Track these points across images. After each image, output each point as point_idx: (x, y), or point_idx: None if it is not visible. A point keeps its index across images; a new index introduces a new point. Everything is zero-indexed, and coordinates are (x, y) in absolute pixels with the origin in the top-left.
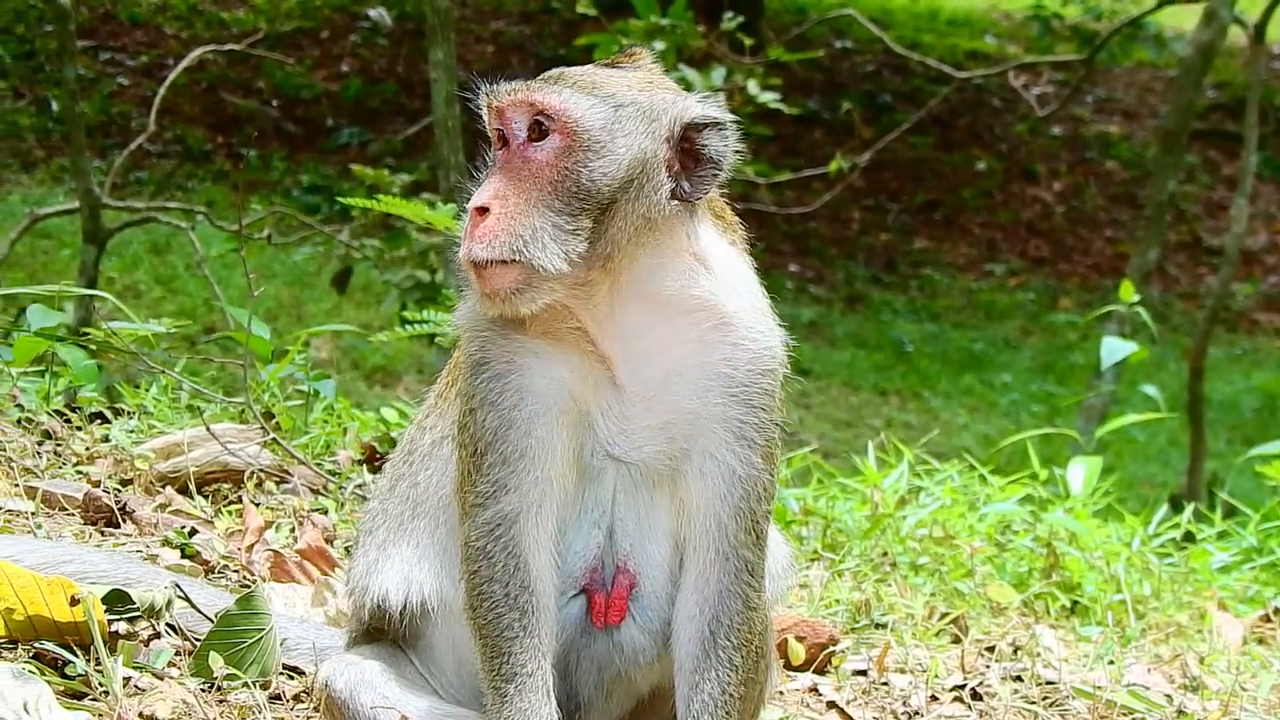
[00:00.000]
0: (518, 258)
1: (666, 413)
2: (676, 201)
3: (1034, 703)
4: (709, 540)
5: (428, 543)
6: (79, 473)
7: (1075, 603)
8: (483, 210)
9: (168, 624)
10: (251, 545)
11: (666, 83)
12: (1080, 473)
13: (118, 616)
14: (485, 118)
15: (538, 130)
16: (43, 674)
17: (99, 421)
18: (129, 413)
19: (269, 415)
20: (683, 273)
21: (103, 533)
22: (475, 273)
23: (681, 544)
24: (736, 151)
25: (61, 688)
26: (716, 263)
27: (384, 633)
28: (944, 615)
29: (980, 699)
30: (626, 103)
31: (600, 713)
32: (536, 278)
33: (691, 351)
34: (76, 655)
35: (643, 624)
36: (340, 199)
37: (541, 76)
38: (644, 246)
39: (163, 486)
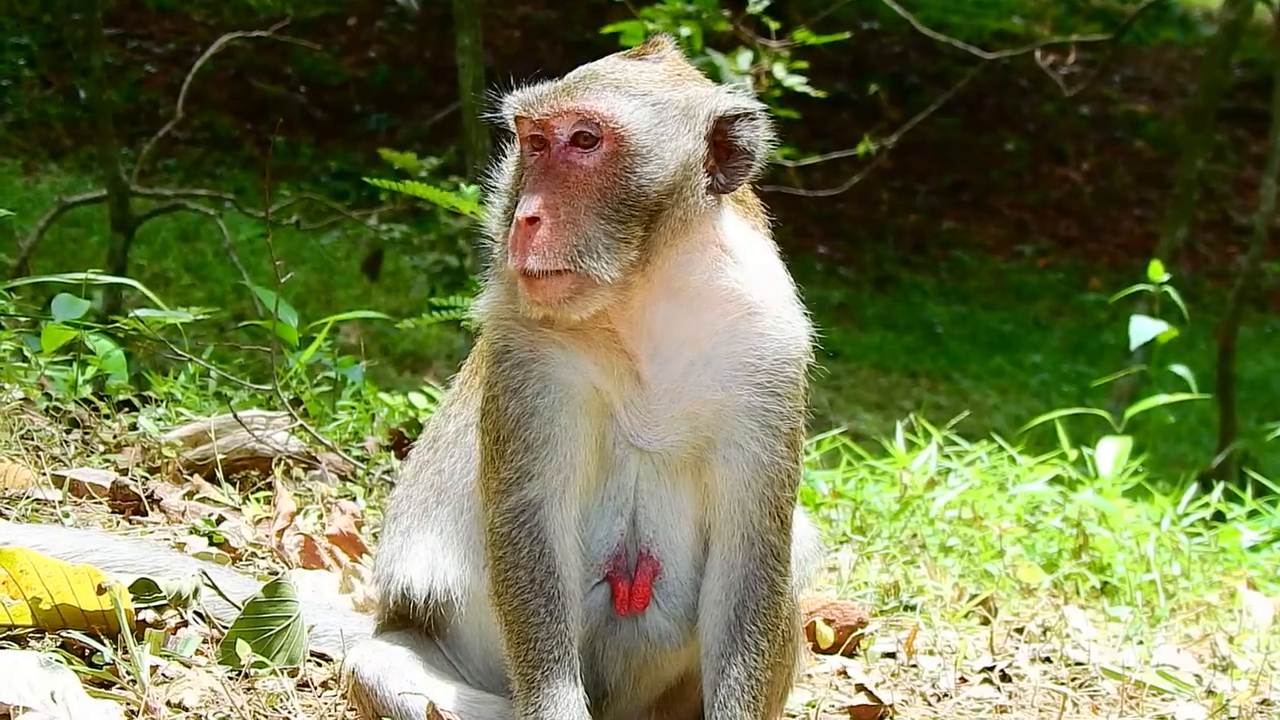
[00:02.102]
0: (573, 268)
1: (691, 403)
2: (711, 195)
3: (1063, 684)
4: (734, 526)
5: (451, 530)
6: (107, 461)
7: (1105, 583)
8: (531, 220)
9: (195, 612)
10: (282, 530)
11: (693, 73)
12: (1110, 453)
13: (145, 605)
14: (515, 120)
15: (583, 137)
16: (70, 663)
17: (127, 410)
18: (157, 400)
19: (297, 402)
20: (710, 264)
21: (130, 521)
22: (527, 282)
23: (706, 530)
24: (768, 140)
25: (89, 677)
26: (742, 252)
27: (411, 620)
28: (973, 597)
29: (1009, 680)
30: (665, 102)
31: (628, 700)
32: (589, 286)
33: (718, 343)
34: (104, 644)
35: (667, 610)
36: (368, 179)
37: (579, 78)
38: (678, 245)
39: (190, 474)
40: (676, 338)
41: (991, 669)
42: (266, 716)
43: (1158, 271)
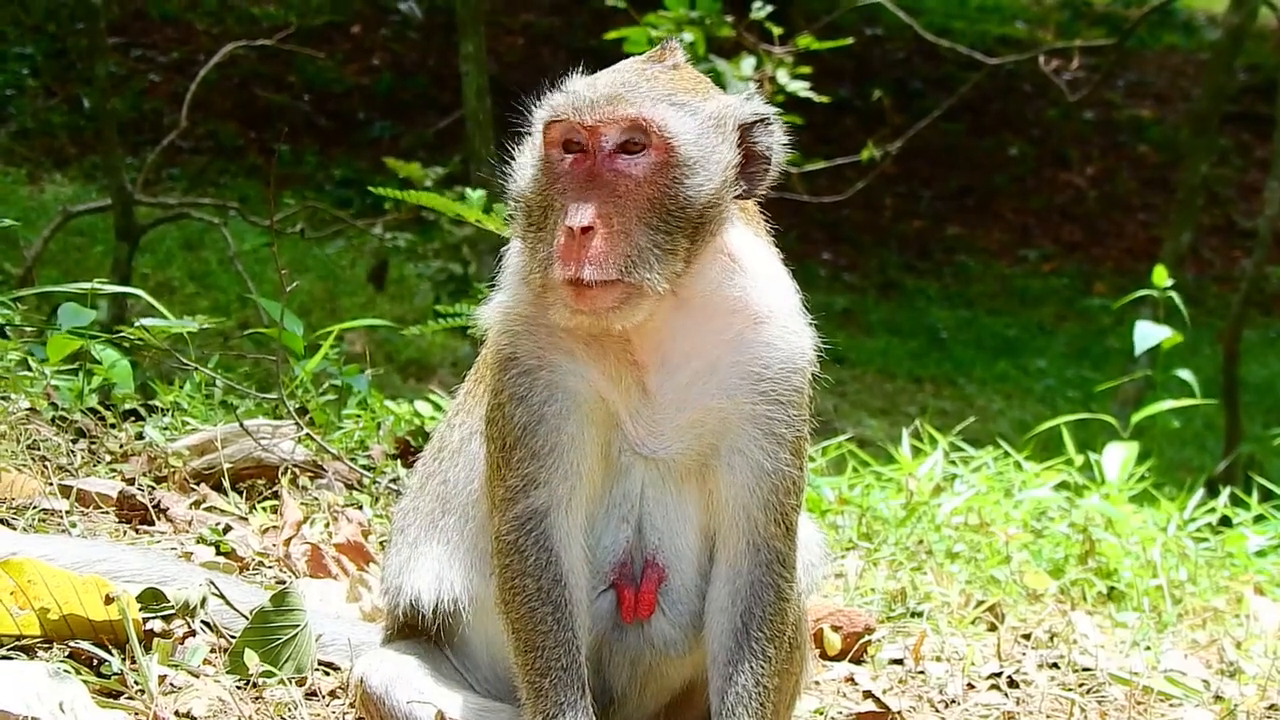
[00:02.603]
0: (627, 278)
1: (696, 412)
2: (734, 203)
3: (1071, 690)
4: (739, 533)
5: (458, 539)
6: (113, 470)
7: (1112, 588)
8: (586, 229)
9: (203, 621)
10: (289, 539)
11: (706, 79)
12: (1116, 458)
13: (153, 615)
14: (550, 124)
15: (631, 144)
16: (78, 673)
17: (133, 419)
18: (163, 410)
19: (303, 411)
20: (719, 273)
21: (137, 530)
22: (575, 291)
23: (711, 536)
24: (783, 145)
25: (97, 687)
26: (749, 260)
27: (419, 629)
28: (980, 603)
29: (1017, 686)
30: (704, 111)
31: (634, 707)
32: (637, 296)
33: (725, 352)
34: (112, 654)
35: (673, 617)
36: (373, 189)
37: (622, 84)
38: (708, 255)
39: (197, 483)
40: (684, 347)
41: (999, 675)
42: None
43: (1162, 276)
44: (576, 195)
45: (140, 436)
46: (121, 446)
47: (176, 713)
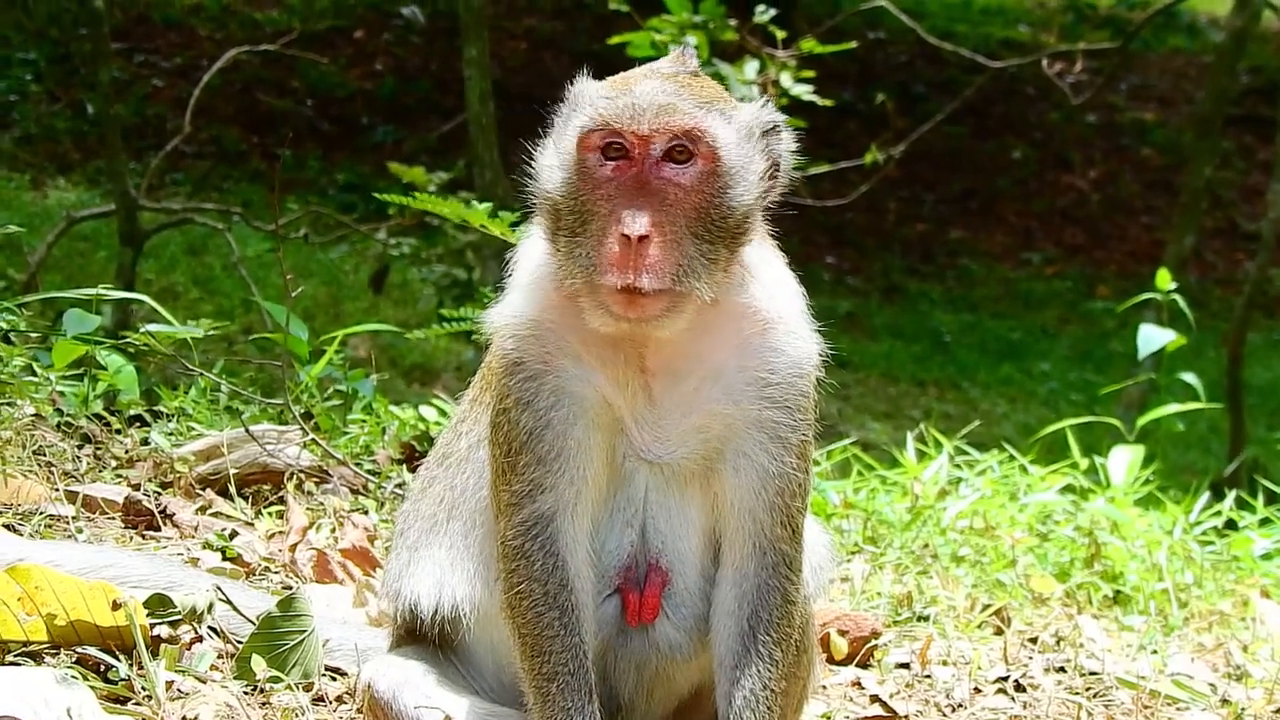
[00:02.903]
0: (679, 287)
1: (702, 417)
2: None
3: (1078, 693)
4: (745, 536)
5: (462, 546)
6: (119, 476)
7: (1118, 592)
8: (643, 237)
9: (210, 627)
10: (295, 545)
11: (719, 86)
12: (1121, 461)
13: (160, 620)
14: (591, 130)
15: (679, 152)
16: (85, 679)
17: (138, 424)
18: (168, 415)
19: (308, 415)
20: (732, 279)
21: (143, 536)
22: (626, 298)
23: (716, 539)
24: (792, 151)
25: (104, 692)
26: (757, 265)
27: (419, 635)
28: (986, 607)
29: (1024, 690)
30: (738, 121)
31: (642, 714)
32: (683, 304)
33: (731, 357)
34: (119, 660)
35: (677, 621)
36: (377, 195)
37: (666, 91)
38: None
39: (203, 489)
40: (693, 353)
41: (1006, 679)
42: None
43: (1165, 279)
44: (628, 203)
45: (146, 442)
46: (127, 452)
47: (184, 718)
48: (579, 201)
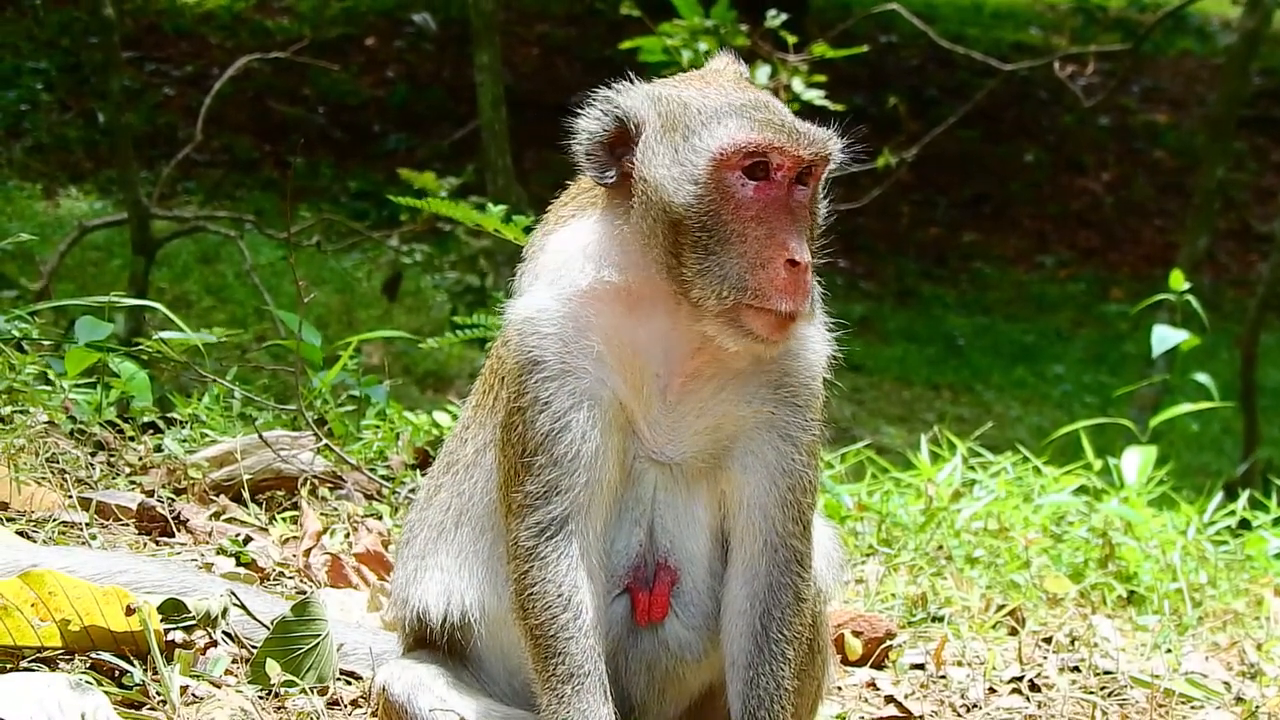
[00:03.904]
0: (813, 309)
1: (716, 418)
2: None
3: (1092, 693)
4: (756, 533)
5: (471, 551)
6: (132, 483)
7: (1132, 592)
8: (805, 265)
9: (224, 632)
10: (309, 550)
11: None
12: (1134, 462)
13: (174, 626)
14: (750, 150)
15: (808, 176)
16: (100, 684)
17: (151, 431)
18: (181, 422)
19: (321, 422)
20: None
21: (157, 542)
22: (780, 323)
23: (725, 537)
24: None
25: (119, 698)
26: None
27: (428, 642)
28: (1000, 607)
29: (1038, 690)
30: None
31: (654, 715)
32: (804, 323)
33: (749, 360)
34: (133, 665)
35: (686, 620)
36: (391, 197)
37: (785, 110)
38: None
39: (216, 495)
40: (716, 357)
41: (1020, 679)
42: None
43: (1179, 280)
44: (785, 227)
45: (159, 449)
46: (140, 459)
47: None
48: (718, 220)
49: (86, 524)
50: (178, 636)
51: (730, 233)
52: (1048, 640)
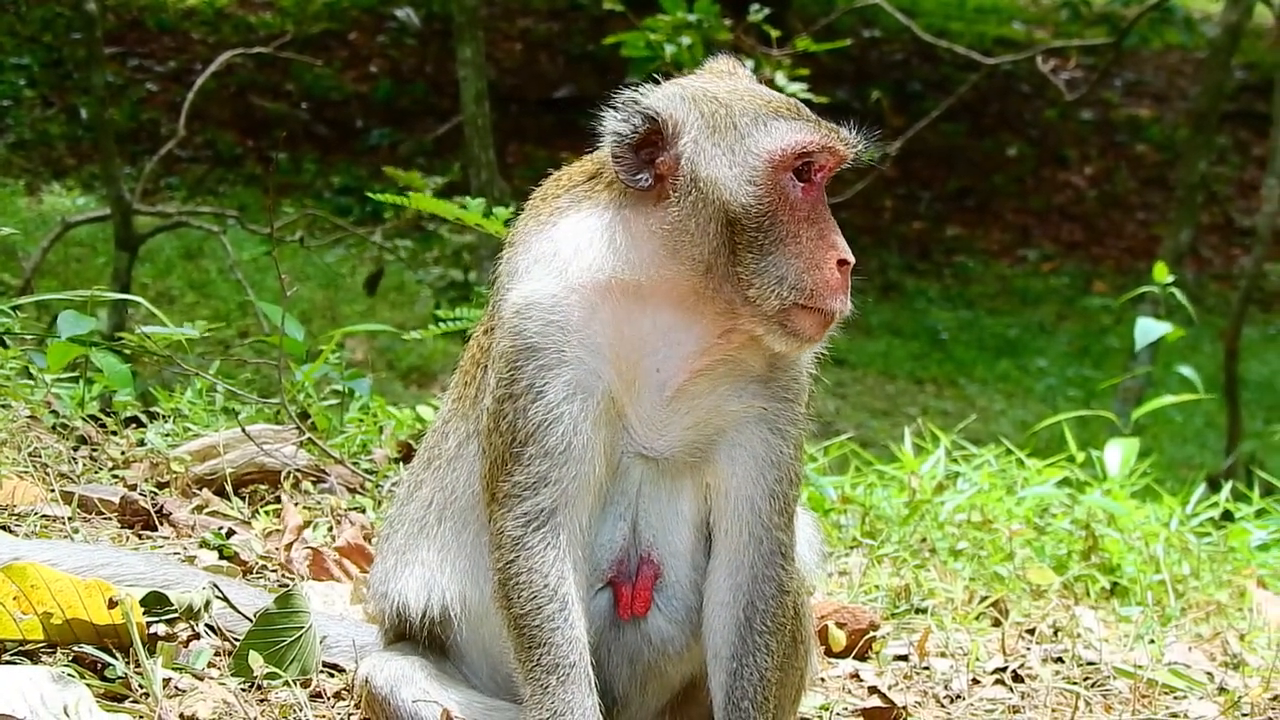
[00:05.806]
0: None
1: (706, 413)
2: None
3: (1075, 683)
4: (741, 525)
5: (454, 545)
6: (115, 477)
7: (1115, 584)
8: (846, 263)
9: (207, 625)
10: (290, 544)
11: None
12: (1117, 455)
13: (156, 618)
14: (809, 150)
15: (828, 175)
16: (82, 677)
17: (134, 426)
18: (164, 416)
19: (304, 415)
20: None
21: (140, 536)
22: (825, 321)
23: (709, 530)
24: None
25: (101, 690)
26: None
27: (408, 636)
28: (984, 599)
29: (1022, 681)
30: None
31: (637, 707)
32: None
33: (740, 354)
34: (116, 658)
35: (669, 614)
36: (372, 195)
37: (799, 109)
38: None
39: (199, 488)
40: (704, 351)
41: (1004, 670)
42: None
43: (1162, 273)
44: (830, 227)
45: (142, 443)
46: (123, 453)
47: (181, 715)
48: (774, 221)
49: (69, 518)
50: (160, 629)
51: (785, 233)
52: (1031, 631)
